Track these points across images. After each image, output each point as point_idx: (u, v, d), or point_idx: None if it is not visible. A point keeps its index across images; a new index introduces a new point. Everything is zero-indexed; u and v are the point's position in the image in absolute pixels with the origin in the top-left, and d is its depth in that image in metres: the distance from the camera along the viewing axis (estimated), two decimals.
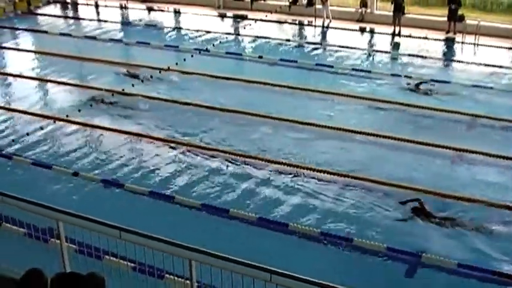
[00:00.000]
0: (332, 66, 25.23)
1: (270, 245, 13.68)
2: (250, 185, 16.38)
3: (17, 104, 22.72)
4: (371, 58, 27.59)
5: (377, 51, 28.37)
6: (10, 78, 25.53)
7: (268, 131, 19.70)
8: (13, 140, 19.31)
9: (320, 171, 16.88)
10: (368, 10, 32.21)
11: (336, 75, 24.39)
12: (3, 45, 30.73)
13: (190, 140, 19.02)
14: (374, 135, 18.94)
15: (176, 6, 35.98)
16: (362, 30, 31.32)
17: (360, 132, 19.08)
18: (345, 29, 30.86)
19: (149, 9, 36.22)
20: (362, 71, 24.80)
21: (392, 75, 24.47)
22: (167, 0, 36.81)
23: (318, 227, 14.19)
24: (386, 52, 28.10)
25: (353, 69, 24.89)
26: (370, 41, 30.88)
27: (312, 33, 31.60)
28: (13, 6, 36.82)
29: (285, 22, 32.37)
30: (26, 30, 33.67)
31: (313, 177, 16.63)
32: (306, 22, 32.31)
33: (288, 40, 29.46)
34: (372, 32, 31.12)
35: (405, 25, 30.06)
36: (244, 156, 17.86)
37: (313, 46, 28.88)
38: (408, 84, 23.20)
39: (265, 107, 21.13)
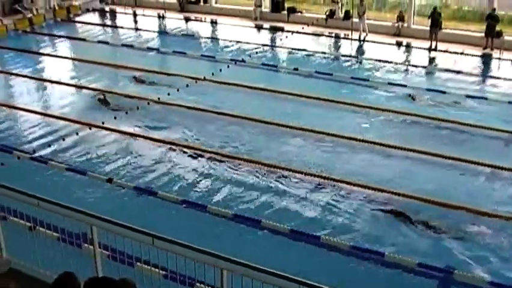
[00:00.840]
0: (367, 80, 25.11)
1: (298, 256, 13.67)
2: (282, 196, 16.35)
3: (54, 109, 23.04)
4: (406, 72, 27.40)
5: (413, 65, 28.16)
6: (47, 84, 25.81)
7: (301, 143, 19.68)
8: (49, 145, 19.55)
9: (347, 183, 16.86)
10: (405, 24, 32.06)
11: (371, 89, 24.25)
12: (42, 51, 31.18)
13: (222, 150, 19.07)
14: (407, 149, 18.79)
15: (214, 17, 36.12)
16: (399, 44, 31.16)
17: (393, 147, 18.95)
18: (381, 43, 30.72)
19: (187, 19, 36.38)
20: (397, 85, 24.59)
21: (427, 89, 24.28)
22: (205, 11, 37.00)
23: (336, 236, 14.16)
24: (422, 67, 27.88)
25: (388, 83, 24.72)
26: (406, 55, 30.67)
27: (348, 47, 31.52)
28: (53, 13, 37.30)
29: (322, 35, 32.31)
30: (64, 37, 34.11)
31: (348, 192, 16.57)
32: (342, 35, 32.23)
33: (324, 53, 29.41)
34: (408, 46, 30.93)
35: (442, 40, 29.86)
36: (276, 167, 17.84)
37: (349, 59, 28.81)
38: (443, 98, 23.03)
39: (298, 118, 21.09)
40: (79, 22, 37.28)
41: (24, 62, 29.10)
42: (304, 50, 29.45)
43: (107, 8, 39.83)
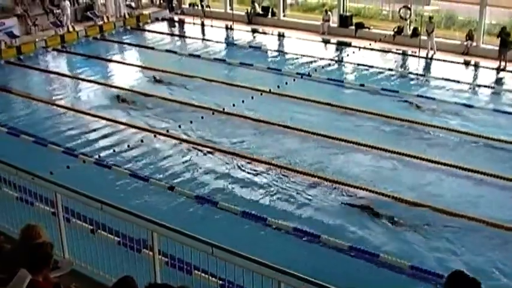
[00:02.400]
0: (433, 99, 24.74)
1: (363, 272, 13.68)
2: (343, 211, 16.32)
3: (119, 115, 23.37)
4: (474, 92, 26.93)
5: (481, 85, 27.64)
6: (115, 91, 26.22)
7: (364, 160, 19.54)
8: (114, 150, 19.86)
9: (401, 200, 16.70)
10: (474, 43, 31.56)
11: (437, 108, 23.86)
12: (112, 58, 31.73)
13: (285, 163, 19.07)
14: (478, 172, 18.39)
15: (281, 30, 36.16)
16: (467, 63, 30.62)
17: (463, 168, 18.60)
18: (449, 62, 30.25)
19: (254, 32, 36.52)
20: (464, 105, 24.14)
21: (494, 110, 23.85)
22: (273, 24, 37.07)
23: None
24: (490, 87, 27.35)
25: (455, 103, 24.30)
26: (474, 74, 30.11)
27: (415, 64, 31.14)
28: (123, 21, 37.94)
29: (389, 51, 31.99)
30: (133, 45, 34.69)
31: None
32: (410, 52, 31.84)
33: (391, 69, 29.11)
34: (476, 65, 30.36)
35: (511, 60, 29.27)
36: (340, 182, 17.74)
37: (416, 77, 28.43)
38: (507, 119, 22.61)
39: (363, 135, 20.98)
40: (148, 31, 37.87)
41: (93, 68, 29.71)
42: (371, 66, 29.21)
43: (176, 18, 40.24)
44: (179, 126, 21.61)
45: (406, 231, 15.38)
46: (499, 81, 28.43)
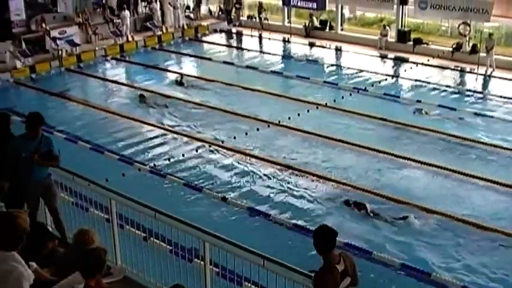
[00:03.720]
0: (492, 117, 24.36)
1: None
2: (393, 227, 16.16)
3: (175, 126, 23.59)
4: None
5: None
6: (173, 101, 26.47)
7: (419, 176, 19.36)
8: (169, 159, 20.03)
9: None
10: None
11: (496, 126, 23.46)
12: (169, 68, 32.04)
13: (339, 177, 19.01)
14: None
15: (338, 44, 36.04)
16: None
17: None
18: (508, 80, 29.67)
19: (311, 45, 36.46)
20: None
21: None
22: (330, 37, 36.96)
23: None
24: None
25: None
26: None
27: (473, 81, 30.66)
28: (181, 32, 38.32)
29: (447, 68, 31.51)
30: (191, 55, 34.99)
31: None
32: (468, 69, 31.40)
33: (448, 86, 28.72)
34: None
35: None
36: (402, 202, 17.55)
37: (474, 94, 27.98)
38: None
39: (416, 152, 20.78)
40: (206, 42, 38.11)
41: (150, 77, 30.06)
42: (428, 82, 28.88)
43: (234, 30, 40.44)
44: (234, 138, 21.67)
45: None
46: None
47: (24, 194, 10.78)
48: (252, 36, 38.82)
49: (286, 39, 37.55)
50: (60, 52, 32.31)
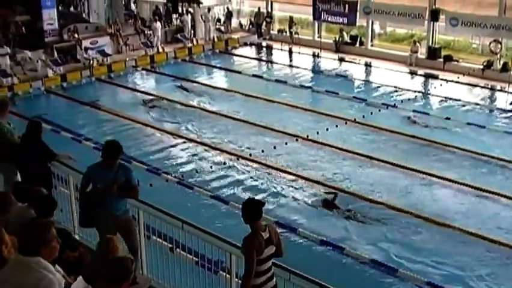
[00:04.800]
0: None
1: None
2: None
3: (204, 137, 23.67)
4: None
5: None
6: (202, 113, 26.63)
7: (448, 195, 19.26)
8: (197, 171, 20.08)
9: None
10: None
11: None
12: (199, 80, 32.14)
13: (367, 193, 18.95)
14: None
15: (368, 60, 35.95)
16: None
17: None
18: None
19: (341, 60, 36.40)
20: None
21: None
22: (360, 53, 36.89)
23: None
24: None
25: None
26: None
27: (504, 100, 30.36)
28: (212, 45, 38.48)
29: (477, 86, 31.26)
30: (221, 68, 35.12)
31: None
32: (498, 87, 31.14)
33: (478, 104, 28.50)
34: None
35: None
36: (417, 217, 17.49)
37: (504, 113, 27.71)
38: None
39: (444, 169, 20.65)
40: (236, 55, 38.22)
41: (180, 89, 30.21)
42: (457, 99, 28.67)
43: (264, 44, 40.52)
44: (262, 151, 21.70)
45: None
46: None
47: (100, 229, 10.28)
48: (282, 50, 38.85)
49: (316, 54, 37.55)
50: (91, 62, 32.62)
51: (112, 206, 10.12)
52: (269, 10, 41.74)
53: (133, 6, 44.95)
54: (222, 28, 40.98)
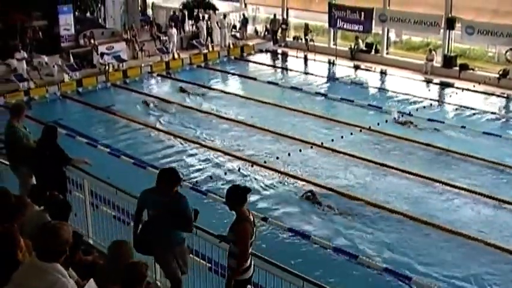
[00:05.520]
0: None
1: None
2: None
3: (218, 144, 23.72)
4: None
5: None
6: (216, 119, 26.71)
7: (461, 203, 19.14)
8: (211, 177, 20.09)
9: None
10: None
11: None
12: (214, 86, 32.19)
13: (381, 202, 18.87)
14: None
15: (384, 67, 35.87)
16: None
17: None
18: None
19: (356, 68, 36.35)
20: None
21: None
22: (376, 61, 36.83)
23: None
24: None
25: None
26: None
27: None
28: (227, 51, 38.58)
29: (493, 94, 31.11)
30: (236, 74, 35.18)
31: None
32: None
33: (494, 113, 28.33)
34: None
35: None
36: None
37: None
38: None
39: (459, 178, 20.57)
40: (251, 61, 38.32)
41: (195, 95, 30.25)
42: (473, 108, 28.54)
43: (279, 50, 40.55)
44: (277, 158, 21.70)
45: None
46: None
47: (156, 258, 10.03)
48: (297, 57, 38.83)
49: (332, 61, 37.54)
50: (107, 67, 32.74)
51: (165, 234, 9.54)
52: (285, 17, 41.82)
53: (150, 12, 45.15)
54: (238, 35, 41.05)
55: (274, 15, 41.53)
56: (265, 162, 21.52)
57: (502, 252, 16.19)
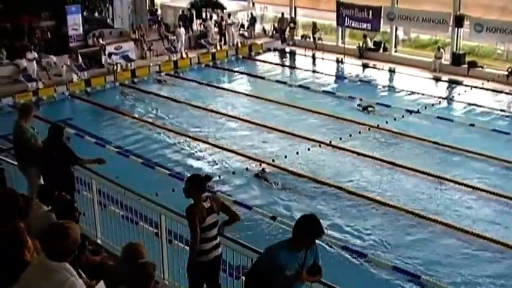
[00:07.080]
0: None
1: None
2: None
3: (226, 143, 23.73)
4: None
5: None
6: (225, 118, 26.75)
7: (468, 201, 19.06)
8: (219, 177, 20.07)
9: None
10: None
11: None
12: (222, 86, 32.19)
13: (391, 200, 18.83)
14: None
15: (392, 66, 35.77)
16: None
17: None
18: None
19: (365, 66, 36.30)
20: None
21: None
22: (384, 59, 36.73)
23: None
24: None
25: None
26: None
27: None
28: (235, 50, 38.58)
29: (501, 92, 30.98)
30: (244, 73, 35.19)
31: None
32: None
33: (503, 111, 28.23)
34: None
35: None
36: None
37: None
38: None
39: (468, 176, 20.55)
40: (260, 60, 38.31)
41: (203, 94, 30.31)
42: (481, 106, 28.46)
43: (287, 49, 40.54)
44: (285, 156, 21.67)
45: None
46: None
47: None
48: (305, 55, 38.85)
49: (340, 60, 37.51)
50: (115, 67, 32.78)
51: None
52: (293, 16, 41.81)
53: (159, 11, 45.23)
54: (246, 34, 41.04)
55: (282, 14, 41.52)
56: (273, 160, 21.47)
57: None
